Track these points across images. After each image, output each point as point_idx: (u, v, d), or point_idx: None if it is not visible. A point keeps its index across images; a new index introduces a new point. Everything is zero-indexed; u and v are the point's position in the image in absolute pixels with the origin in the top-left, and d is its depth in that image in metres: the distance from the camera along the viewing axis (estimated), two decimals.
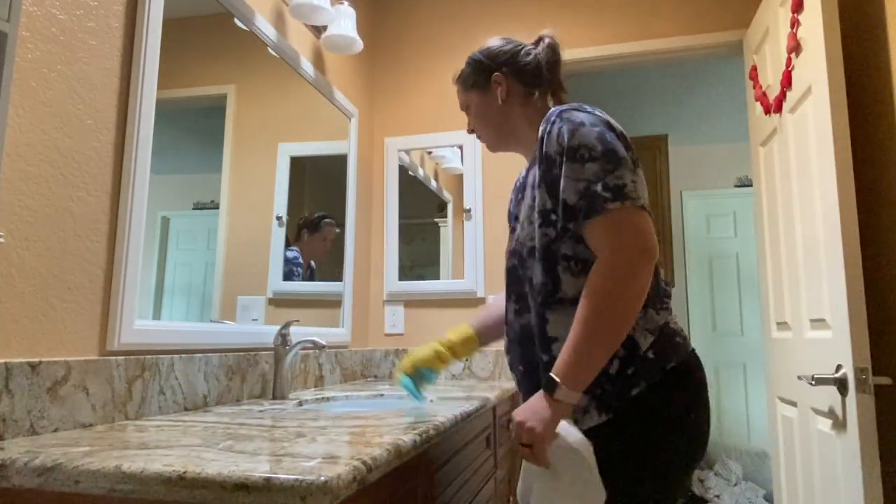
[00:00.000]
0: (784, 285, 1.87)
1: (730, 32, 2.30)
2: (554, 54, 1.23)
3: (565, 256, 1.05)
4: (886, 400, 1.58)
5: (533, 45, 1.24)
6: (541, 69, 1.21)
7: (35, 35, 1.03)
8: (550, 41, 1.23)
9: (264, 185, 1.74)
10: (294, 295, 1.89)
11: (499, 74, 1.21)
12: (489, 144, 1.27)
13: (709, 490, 3.64)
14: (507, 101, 1.21)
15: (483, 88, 1.23)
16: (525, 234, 1.11)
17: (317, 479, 0.67)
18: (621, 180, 0.99)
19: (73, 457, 0.79)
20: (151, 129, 1.26)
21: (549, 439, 0.95)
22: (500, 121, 1.22)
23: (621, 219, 0.97)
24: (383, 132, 2.65)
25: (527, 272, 1.11)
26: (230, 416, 1.21)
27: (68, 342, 1.07)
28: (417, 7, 2.69)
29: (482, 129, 1.25)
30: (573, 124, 1.04)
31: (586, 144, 1.01)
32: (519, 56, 1.21)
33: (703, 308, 4.52)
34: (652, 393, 1.01)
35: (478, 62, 1.24)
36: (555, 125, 1.06)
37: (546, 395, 0.97)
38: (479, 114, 1.24)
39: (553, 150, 1.05)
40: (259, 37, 1.73)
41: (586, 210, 0.99)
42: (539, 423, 0.95)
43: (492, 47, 1.24)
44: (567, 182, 1.01)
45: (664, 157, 4.28)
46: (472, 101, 1.25)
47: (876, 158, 1.65)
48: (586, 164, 1.00)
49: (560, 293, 1.05)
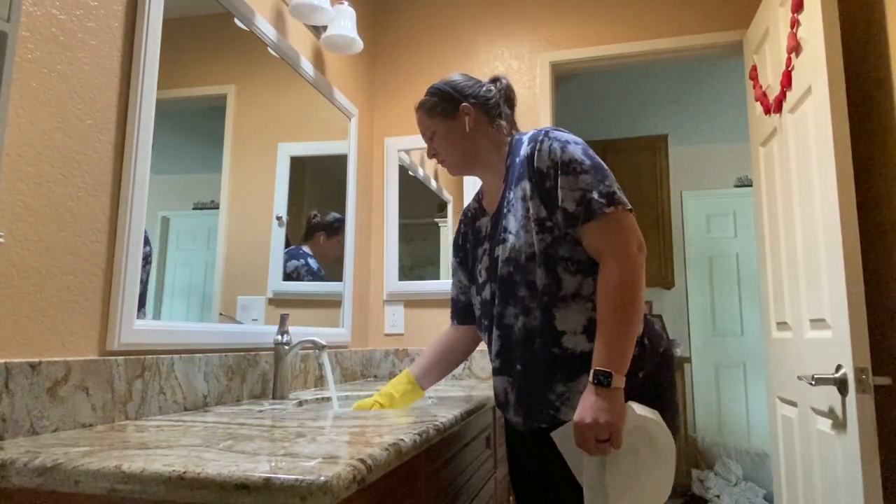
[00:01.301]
0: (784, 285, 1.87)
1: (730, 32, 2.30)
2: (509, 92, 1.38)
3: (563, 258, 1.17)
4: (886, 400, 1.58)
5: (491, 83, 1.37)
6: (499, 104, 1.35)
7: (35, 35, 1.03)
8: (506, 82, 1.38)
9: (264, 185, 1.74)
10: (294, 295, 1.89)
11: (466, 105, 1.32)
12: (453, 168, 1.36)
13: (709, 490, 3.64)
14: (474, 129, 1.32)
15: (449, 116, 1.32)
16: (522, 242, 1.21)
17: (317, 479, 0.67)
18: (611, 188, 1.15)
19: (73, 457, 0.79)
20: (151, 129, 1.26)
21: (623, 425, 1.05)
22: (467, 146, 1.33)
23: (617, 220, 1.13)
24: (383, 132, 2.65)
25: (526, 276, 1.20)
26: (230, 416, 1.21)
27: (68, 342, 1.07)
28: (418, 7, 2.69)
29: (449, 153, 1.34)
30: (561, 142, 1.19)
31: (576, 159, 1.16)
32: (482, 91, 1.34)
33: (703, 308, 4.52)
34: (653, 376, 1.17)
35: (445, 92, 1.33)
36: (544, 143, 1.20)
37: (601, 389, 1.06)
38: (446, 139, 1.34)
39: (545, 164, 1.18)
40: (259, 37, 1.73)
41: (585, 215, 1.13)
42: (611, 415, 1.05)
43: (456, 80, 1.35)
44: (565, 192, 1.15)
45: (664, 157, 4.28)
46: (437, 127, 1.34)
47: (876, 158, 1.65)
48: (580, 175, 1.15)
49: (563, 291, 1.17)
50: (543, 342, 1.17)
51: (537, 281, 1.18)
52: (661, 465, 1.07)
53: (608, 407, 1.05)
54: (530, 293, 1.19)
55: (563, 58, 2.46)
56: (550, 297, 1.17)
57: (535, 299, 1.18)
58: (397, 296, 2.50)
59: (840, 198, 1.45)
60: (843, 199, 1.44)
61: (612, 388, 1.05)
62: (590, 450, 1.06)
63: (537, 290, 1.18)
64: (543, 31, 2.51)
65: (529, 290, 1.19)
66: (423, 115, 1.36)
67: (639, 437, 1.07)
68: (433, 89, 1.35)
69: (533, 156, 1.20)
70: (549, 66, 2.47)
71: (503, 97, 1.36)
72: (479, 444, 1.58)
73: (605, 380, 1.06)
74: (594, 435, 1.05)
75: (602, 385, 1.06)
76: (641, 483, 1.06)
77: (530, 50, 2.52)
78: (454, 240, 1.47)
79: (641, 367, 1.15)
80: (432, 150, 1.37)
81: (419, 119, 1.37)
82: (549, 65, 2.47)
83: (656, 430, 1.07)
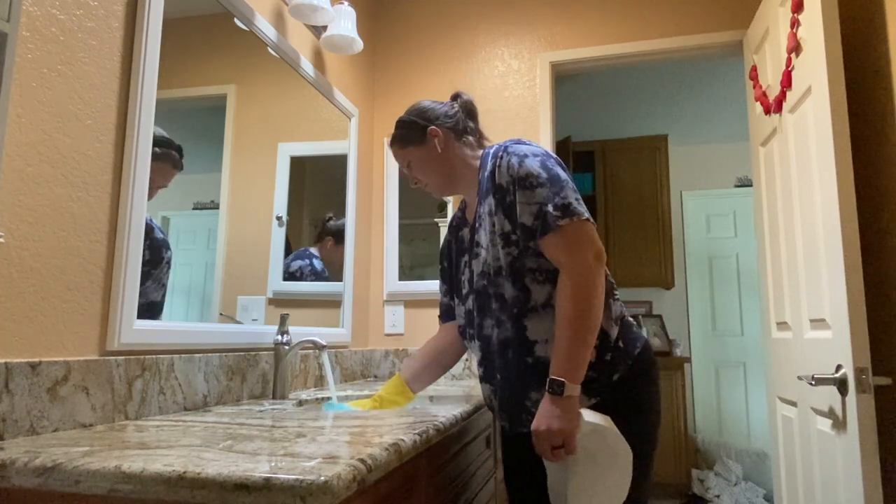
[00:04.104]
0: (784, 285, 1.87)
1: (730, 32, 2.30)
2: (469, 105, 1.42)
3: (531, 269, 1.20)
4: (886, 400, 1.58)
5: (452, 101, 1.42)
6: (462, 119, 1.39)
7: (35, 35, 1.03)
8: (466, 97, 1.42)
9: (264, 185, 1.74)
10: (294, 295, 1.89)
11: (434, 128, 1.36)
12: (437, 191, 1.40)
13: (709, 490, 3.64)
14: (445, 149, 1.36)
15: (420, 143, 1.36)
16: (491, 256, 1.24)
17: (317, 479, 0.67)
18: (566, 200, 1.16)
19: (73, 457, 0.79)
20: (151, 129, 1.26)
21: (576, 432, 1.08)
22: (442, 167, 1.36)
23: (572, 232, 1.14)
24: (383, 132, 2.65)
25: (497, 289, 1.24)
26: (230, 416, 1.21)
27: (68, 342, 1.07)
28: (418, 7, 2.69)
29: (427, 177, 1.38)
30: (518, 157, 1.21)
31: (532, 173, 1.19)
32: (444, 110, 1.38)
33: (703, 308, 4.52)
34: (629, 376, 1.19)
35: (411, 122, 1.38)
36: (503, 159, 1.22)
37: (555, 397, 1.10)
38: (422, 165, 1.37)
39: (504, 180, 1.21)
40: (259, 37, 1.73)
41: (542, 228, 1.16)
42: (563, 422, 1.08)
43: (419, 107, 1.39)
44: (522, 207, 1.18)
45: (664, 157, 4.28)
46: (411, 156, 1.38)
47: (876, 158, 1.65)
48: (536, 189, 1.17)
49: (532, 302, 1.20)
50: (517, 352, 1.21)
51: (506, 294, 1.22)
52: (618, 468, 1.11)
53: (561, 414, 1.08)
54: (500, 306, 1.23)
55: (563, 58, 2.46)
56: (520, 309, 1.20)
57: (504, 311, 1.22)
58: (397, 296, 2.50)
59: (840, 198, 1.44)
60: (843, 199, 1.44)
61: (564, 396, 1.09)
62: (547, 456, 1.11)
63: (507, 302, 1.22)
64: (543, 31, 2.51)
65: (500, 303, 1.23)
66: (397, 148, 1.40)
67: (595, 442, 1.10)
68: (399, 122, 1.40)
69: (494, 171, 1.23)
70: (549, 66, 2.47)
71: (465, 112, 1.40)
72: (479, 444, 1.58)
73: (558, 389, 1.09)
74: (549, 441, 1.09)
75: (556, 394, 1.09)
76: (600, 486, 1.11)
77: (530, 50, 2.51)
78: (441, 248, 1.50)
79: (615, 371, 1.18)
80: (415, 179, 1.41)
81: (394, 153, 1.41)
82: (549, 65, 2.47)
83: (610, 435, 1.10)
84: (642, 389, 1.21)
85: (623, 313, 1.25)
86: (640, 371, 1.21)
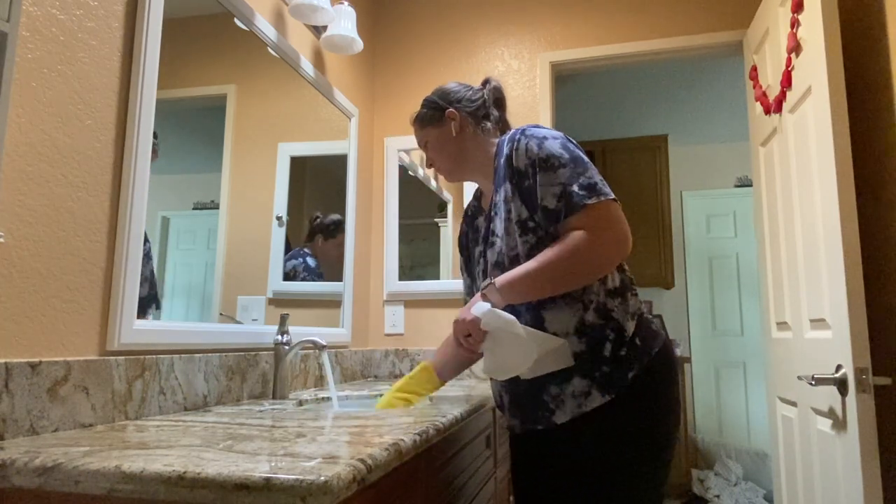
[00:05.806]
0: (784, 285, 1.87)
1: (730, 32, 2.30)
2: (498, 93, 1.40)
3: None
4: (886, 400, 1.58)
5: (481, 87, 1.40)
6: (486, 105, 1.38)
7: (35, 35, 1.03)
8: (495, 84, 1.40)
9: (264, 185, 1.74)
10: (294, 295, 1.89)
11: (452, 110, 1.35)
12: (447, 174, 1.39)
13: (709, 490, 3.64)
14: (461, 133, 1.35)
15: (437, 124, 1.36)
16: (507, 245, 1.20)
17: (317, 479, 0.67)
18: (592, 179, 1.13)
19: (73, 457, 0.79)
20: (151, 129, 1.26)
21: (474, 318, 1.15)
22: (456, 151, 1.35)
23: (599, 211, 1.11)
24: (383, 132, 2.65)
25: None
26: (230, 416, 1.21)
27: (68, 342, 1.07)
28: (418, 7, 2.69)
29: (440, 159, 1.38)
30: (538, 139, 1.18)
31: (554, 154, 1.15)
32: (468, 95, 1.37)
33: (703, 308, 4.52)
34: (646, 375, 1.14)
35: (433, 102, 1.38)
36: (520, 142, 1.20)
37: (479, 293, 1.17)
38: (437, 146, 1.37)
39: (523, 163, 1.18)
40: (259, 37, 1.73)
41: (567, 209, 1.12)
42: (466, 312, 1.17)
43: (445, 89, 1.39)
44: (544, 190, 1.14)
45: (664, 157, 4.28)
46: (429, 136, 1.38)
47: (876, 158, 1.65)
48: (558, 170, 1.14)
49: None
50: None
51: None
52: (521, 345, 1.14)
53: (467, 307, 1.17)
54: None
55: (563, 58, 2.46)
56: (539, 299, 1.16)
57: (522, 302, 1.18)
58: (397, 296, 2.50)
59: (840, 198, 1.44)
60: (843, 199, 1.44)
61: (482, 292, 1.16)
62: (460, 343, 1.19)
63: None
64: (543, 31, 2.51)
65: None
66: (417, 126, 1.41)
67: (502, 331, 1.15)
68: (424, 101, 1.40)
69: (511, 156, 1.20)
70: (549, 66, 2.47)
71: (491, 98, 1.38)
72: (479, 444, 1.58)
73: (485, 287, 1.16)
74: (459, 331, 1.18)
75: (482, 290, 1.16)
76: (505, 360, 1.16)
77: (530, 50, 2.52)
78: (458, 239, 1.48)
79: (631, 368, 1.14)
80: (429, 160, 1.41)
81: (415, 131, 1.42)
82: (549, 65, 2.47)
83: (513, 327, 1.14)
84: (660, 389, 1.15)
85: (641, 310, 1.21)
86: (659, 370, 1.16)
